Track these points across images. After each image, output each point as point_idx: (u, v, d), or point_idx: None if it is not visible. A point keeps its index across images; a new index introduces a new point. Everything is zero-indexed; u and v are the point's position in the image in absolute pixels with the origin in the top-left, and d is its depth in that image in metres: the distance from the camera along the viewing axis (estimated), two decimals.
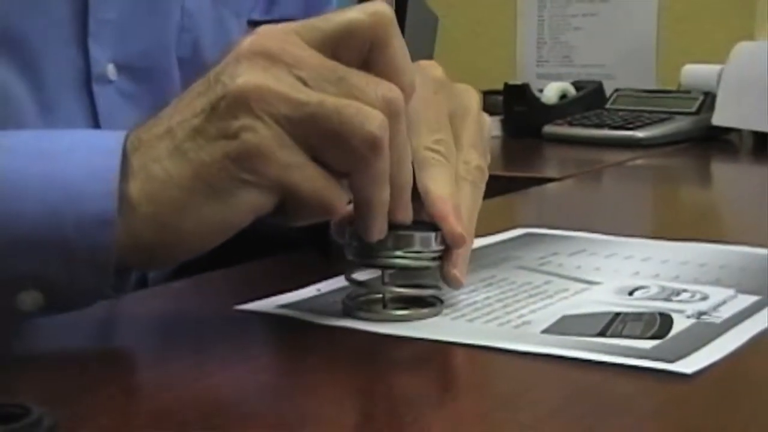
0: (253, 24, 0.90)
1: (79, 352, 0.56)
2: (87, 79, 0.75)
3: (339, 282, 0.63)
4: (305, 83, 0.52)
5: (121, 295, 0.55)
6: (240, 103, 0.51)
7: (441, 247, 0.58)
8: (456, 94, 0.65)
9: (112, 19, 0.75)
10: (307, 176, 0.52)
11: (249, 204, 0.52)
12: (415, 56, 0.58)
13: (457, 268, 0.59)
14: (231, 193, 0.52)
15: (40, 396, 0.45)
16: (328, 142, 0.52)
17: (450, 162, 0.60)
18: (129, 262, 0.54)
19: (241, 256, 0.69)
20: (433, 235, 0.58)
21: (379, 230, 0.56)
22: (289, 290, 0.62)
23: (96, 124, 0.75)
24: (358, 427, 0.45)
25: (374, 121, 0.51)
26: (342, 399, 0.48)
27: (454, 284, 0.59)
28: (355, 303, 0.58)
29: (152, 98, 0.78)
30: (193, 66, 0.80)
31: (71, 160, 0.53)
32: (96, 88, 0.75)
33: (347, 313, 0.58)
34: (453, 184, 0.60)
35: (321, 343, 0.55)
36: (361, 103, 0.52)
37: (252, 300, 0.60)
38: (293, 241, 0.73)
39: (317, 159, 0.52)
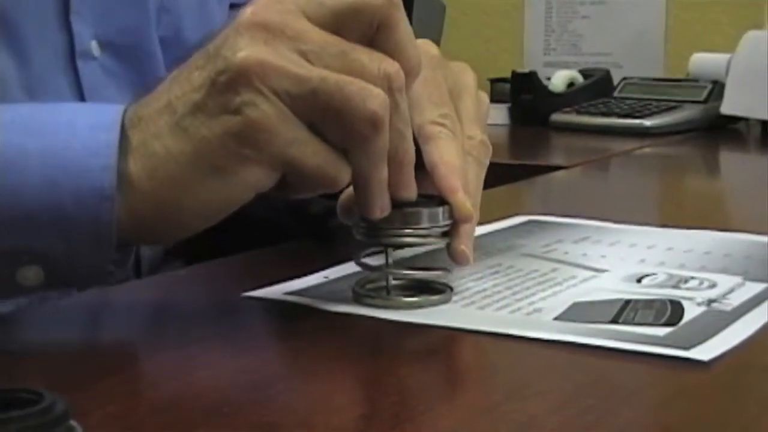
0: (234, 8, 0.90)
1: (86, 340, 0.56)
2: (71, 55, 0.74)
3: (346, 269, 0.62)
4: (306, 57, 0.51)
5: (122, 269, 0.55)
6: (241, 78, 0.50)
7: (449, 222, 0.58)
8: (453, 73, 0.65)
9: None
10: (310, 151, 0.52)
11: (250, 180, 0.52)
12: None
13: (465, 244, 0.58)
14: (232, 170, 0.51)
15: (47, 383, 0.44)
16: (328, 118, 0.51)
17: (456, 135, 0.60)
18: (129, 238, 0.54)
19: (236, 246, 0.69)
20: (440, 210, 0.57)
21: (380, 207, 0.55)
22: (297, 277, 0.62)
23: (81, 100, 0.75)
24: (368, 417, 0.45)
25: (376, 99, 0.51)
26: (352, 388, 0.48)
27: (462, 260, 0.58)
28: (365, 290, 0.58)
29: (136, 77, 0.78)
30: (176, 47, 0.80)
31: (70, 135, 0.52)
32: (80, 65, 0.75)
33: (356, 300, 0.57)
34: (461, 156, 0.59)
35: (330, 330, 0.54)
36: (362, 79, 0.51)
37: (259, 287, 0.60)
38: (289, 230, 0.73)
39: (317, 134, 0.52)
